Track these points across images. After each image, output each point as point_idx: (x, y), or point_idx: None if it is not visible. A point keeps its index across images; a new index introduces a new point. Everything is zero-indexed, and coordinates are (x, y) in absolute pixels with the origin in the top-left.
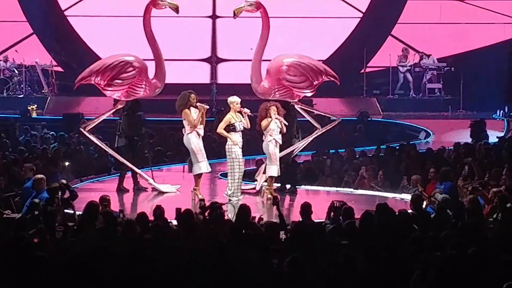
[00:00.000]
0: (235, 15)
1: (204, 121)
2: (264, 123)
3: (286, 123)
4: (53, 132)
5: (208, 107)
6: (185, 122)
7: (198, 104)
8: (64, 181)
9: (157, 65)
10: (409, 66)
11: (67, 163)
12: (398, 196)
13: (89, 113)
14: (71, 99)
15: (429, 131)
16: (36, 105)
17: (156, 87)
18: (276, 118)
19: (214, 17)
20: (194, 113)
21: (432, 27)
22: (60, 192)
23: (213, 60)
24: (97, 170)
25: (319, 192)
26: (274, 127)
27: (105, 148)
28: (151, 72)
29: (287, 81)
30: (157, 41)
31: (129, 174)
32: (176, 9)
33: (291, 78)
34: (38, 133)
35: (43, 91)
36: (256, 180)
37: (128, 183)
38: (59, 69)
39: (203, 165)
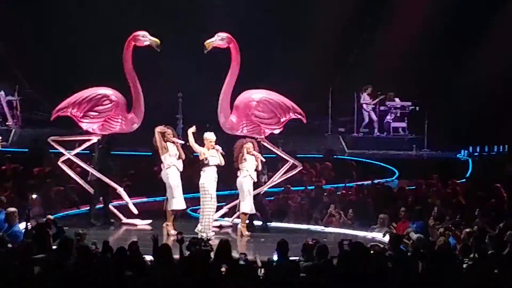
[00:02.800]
0: (206, 48)
1: (182, 156)
2: (241, 158)
3: (264, 160)
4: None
5: (183, 142)
6: (163, 157)
7: (174, 139)
8: (50, 217)
9: (135, 100)
10: (373, 104)
11: (34, 196)
12: (369, 234)
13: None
14: (36, 132)
15: (394, 169)
16: (0, 137)
17: (133, 122)
18: (253, 155)
19: None
20: (171, 148)
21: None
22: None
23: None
24: (66, 204)
25: (289, 229)
26: (251, 164)
27: (79, 182)
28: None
29: (256, 116)
30: (137, 77)
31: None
32: (157, 46)
33: (260, 113)
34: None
35: (7, 123)
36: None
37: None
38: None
39: (178, 202)
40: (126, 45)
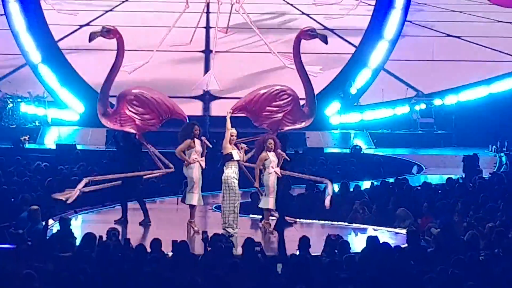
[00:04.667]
0: (90, 39)
1: (205, 154)
2: (262, 156)
3: (288, 159)
4: (46, 163)
5: (211, 146)
6: (188, 153)
7: (203, 138)
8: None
9: (307, 96)
10: None
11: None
12: (392, 230)
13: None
14: (63, 129)
15: (421, 165)
16: (28, 136)
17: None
18: (276, 152)
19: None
20: (197, 145)
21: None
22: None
23: (206, 98)
24: (92, 201)
25: (314, 224)
26: (274, 160)
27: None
28: None
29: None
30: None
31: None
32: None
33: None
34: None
35: (35, 121)
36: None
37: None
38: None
39: (195, 197)
40: (295, 41)
